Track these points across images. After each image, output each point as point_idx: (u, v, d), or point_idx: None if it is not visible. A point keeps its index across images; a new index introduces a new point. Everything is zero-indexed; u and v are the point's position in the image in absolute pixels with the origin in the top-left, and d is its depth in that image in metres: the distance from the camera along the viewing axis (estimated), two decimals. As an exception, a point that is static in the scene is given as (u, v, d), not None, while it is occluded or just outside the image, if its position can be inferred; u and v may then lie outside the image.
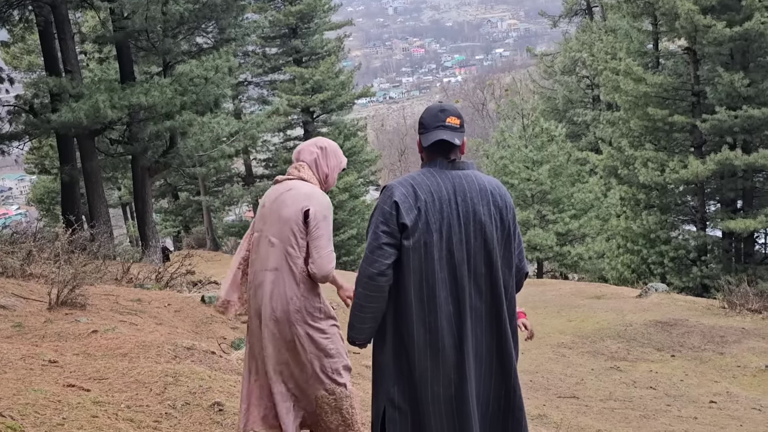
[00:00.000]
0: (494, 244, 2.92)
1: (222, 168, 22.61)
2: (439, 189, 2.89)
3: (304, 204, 3.33)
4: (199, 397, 3.74)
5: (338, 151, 3.65)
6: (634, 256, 26.11)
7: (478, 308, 2.89)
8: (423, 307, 2.84)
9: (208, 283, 13.40)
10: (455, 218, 2.87)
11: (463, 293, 2.86)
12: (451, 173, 2.95)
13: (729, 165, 22.76)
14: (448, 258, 2.86)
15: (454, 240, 2.87)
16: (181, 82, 14.35)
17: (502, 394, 2.89)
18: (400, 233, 2.84)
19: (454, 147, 2.96)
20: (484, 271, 2.90)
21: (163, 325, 7.07)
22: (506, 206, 2.99)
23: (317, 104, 33.67)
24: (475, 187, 2.94)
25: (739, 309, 14.29)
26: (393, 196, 2.87)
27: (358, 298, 2.93)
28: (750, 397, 9.55)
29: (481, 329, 2.89)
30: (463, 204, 2.89)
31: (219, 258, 28.01)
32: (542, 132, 25.57)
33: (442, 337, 2.83)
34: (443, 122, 2.98)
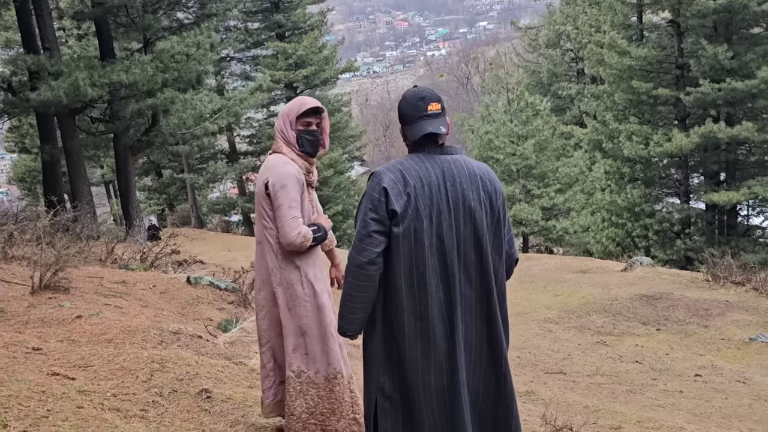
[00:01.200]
0: (484, 230, 2.87)
1: (205, 146, 22.41)
2: (428, 174, 2.85)
3: (265, 176, 3.37)
4: (186, 383, 3.70)
5: (286, 109, 3.57)
6: (619, 230, 26.23)
7: (468, 296, 2.84)
8: (413, 294, 2.80)
9: (194, 262, 13.32)
10: (445, 204, 2.83)
11: (453, 280, 2.81)
12: (440, 158, 2.91)
13: (713, 138, 22.84)
14: (438, 245, 2.81)
15: (444, 226, 2.82)
16: (162, 59, 14.13)
17: (492, 382, 2.86)
18: (389, 220, 2.79)
19: (439, 135, 2.92)
20: (474, 258, 2.86)
21: (149, 307, 7.01)
22: (496, 191, 2.95)
23: (300, 80, 33.39)
24: (465, 173, 2.89)
25: (723, 282, 14.38)
26: (382, 183, 2.82)
27: (347, 287, 2.88)
28: (734, 369, 9.63)
29: (471, 317, 2.85)
30: (453, 189, 2.85)
31: (204, 236, 27.85)
32: (527, 106, 25.53)
33: (433, 326, 2.79)
34: (425, 112, 2.92)
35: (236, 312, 7.87)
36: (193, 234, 26.18)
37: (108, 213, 36.59)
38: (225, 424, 3.41)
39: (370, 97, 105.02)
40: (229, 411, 3.47)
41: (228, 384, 3.84)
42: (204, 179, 33.03)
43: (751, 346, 10.76)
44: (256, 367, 4.33)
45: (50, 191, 15.09)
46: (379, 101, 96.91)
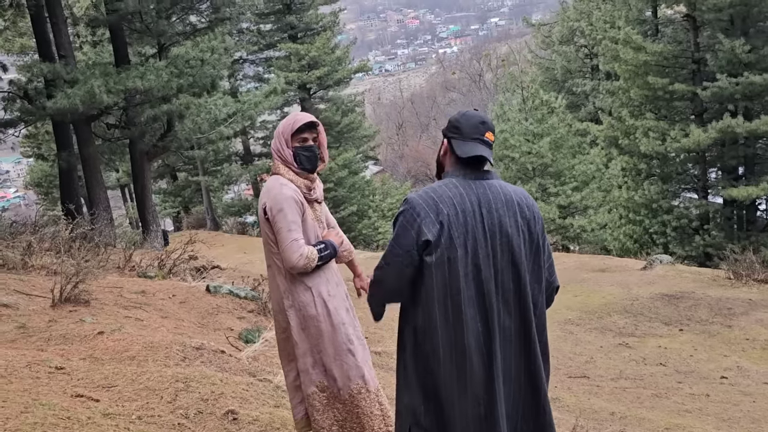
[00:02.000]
0: (522, 259, 2.78)
1: (220, 150, 22.41)
2: (463, 201, 2.76)
3: (263, 200, 3.33)
4: (211, 404, 3.63)
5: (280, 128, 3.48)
6: (637, 227, 26.03)
7: (507, 326, 2.76)
8: (448, 325, 2.73)
9: (212, 268, 13.28)
10: (480, 232, 2.74)
11: (491, 311, 2.73)
12: (475, 183, 2.82)
13: (730, 132, 22.60)
14: (474, 274, 2.73)
15: (480, 255, 2.73)
16: (177, 65, 14.12)
17: (531, 415, 2.78)
18: (422, 250, 2.73)
19: (485, 162, 2.86)
20: (513, 288, 2.77)
21: (169, 318, 6.97)
22: (534, 217, 2.86)
23: (314, 81, 33.39)
24: (501, 198, 2.80)
25: (745, 279, 14.21)
26: (414, 211, 2.76)
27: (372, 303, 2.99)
28: (761, 371, 9.49)
29: (510, 348, 2.77)
30: (489, 216, 2.75)
31: (220, 238, 27.91)
32: (542, 104, 25.36)
33: (470, 357, 2.72)
34: (482, 136, 2.85)
35: (257, 321, 7.82)
36: (208, 237, 26.25)
37: (124, 216, 36.78)
38: (253, 448, 3.35)
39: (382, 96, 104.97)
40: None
41: (254, 404, 3.78)
42: (219, 181, 33.11)
43: (777, 346, 10.61)
44: (282, 384, 4.28)
45: (67, 198, 15.14)
46: (391, 99, 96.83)
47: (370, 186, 37.36)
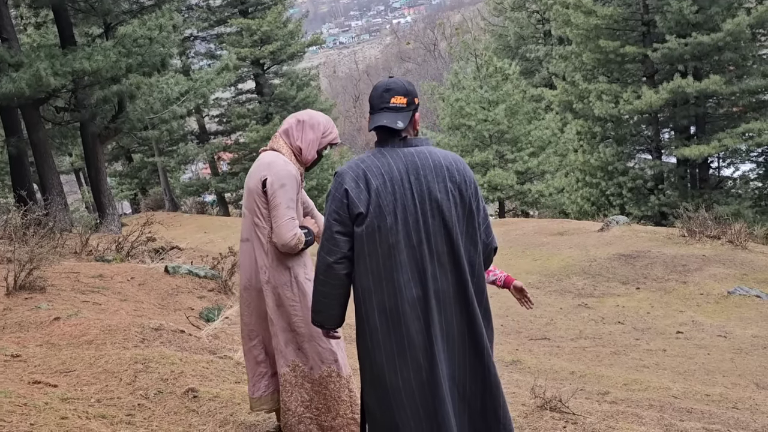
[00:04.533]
0: (453, 222, 2.80)
1: (175, 129, 22.05)
2: (391, 170, 2.78)
3: (263, 173, 3.28)
4: (171, 384, 3.62)
5: (320, 126, 3.46)
6: (593, 189, 26.41)
7: (445, 289, 2.79)
8: (382, 292, 2.75)
9: (170, 248, 13.17)
10: (410, 198, 2.76)
11: (424, 275, 2.76)
12: (404, 151, 2.83)
13: (681, 93, 22.96)
14: (406, 240, 2.75)
15: (410, 221, 2.76)
16: (124, 44, 13.81)
17: (477, 374, 2.82)
18: (352, 221, 2.76)
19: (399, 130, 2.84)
20: (446, 251, 2.79)
21: (128, 301, 6.91)
22: (465, 180, 2.86)
23: (267, 56, 32.94)
24: (429, 164, 2.81)
25: (699, 236, 14.53)
26: (343, 183, 2.76)
27: (320, 285, 2.86)
28: (714, 324, 9.76)
29: (450, 311, 2.80)
30: (417, 183, 2.78)
31: (179, 219, 27.61)
32: (496, 71, 25.43)
33: (406, 323, 2.74)
34: (387, 103, 2.86)
35: (217, 299, 7.80)
36: (167, 218, 25.96)
37: (80, 201, 36.09)
38: (214, 425, 3.35)
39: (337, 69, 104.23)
40: (217, 410, 3.40)
41: (214, 381, 3.77)
42: (175, 161, 32.60)
43: (730, 300, 10.91)
44: (242, 360, 4.28)
45: (19, 185, 14.80)
46: (347, 72, 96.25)
47: (328, 160, 37.20)
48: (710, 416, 5.21)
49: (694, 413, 5.27)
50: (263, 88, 34.14)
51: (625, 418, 4.68)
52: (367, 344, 2.82)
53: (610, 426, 4.23)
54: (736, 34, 22.48)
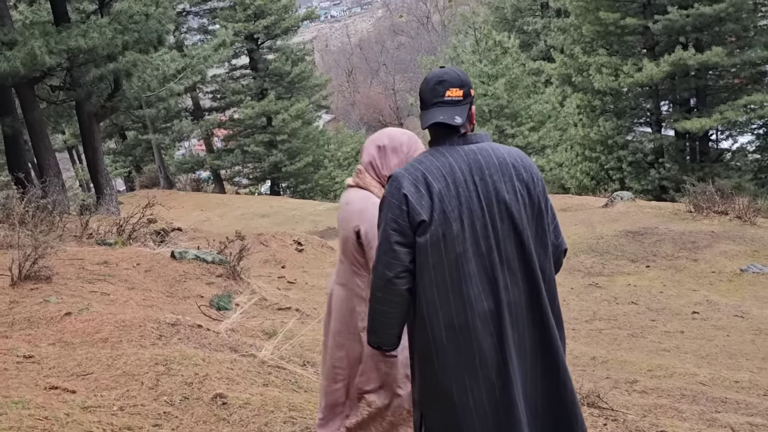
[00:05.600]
0: (524, 225, 2.55)
1: (172, 107, 21.68)
2: (453, 171, 2.51)
3: (355, 224, 3.03)
4: (197, 388, 3.42)
5: (403, 146, 3.13)
6: (593, 163, 26.19)
7: (517, 300, 2.53)
8: (450, 307, 2.50)
9: (172, 230, 12.97)
10: (476, 202, 2.50)
11: (496, 286, 2.50)
12: (464, 149, 2.56)
13: (682, 65, 22.69)
14: (474, 248, 2.49)
15: (478, 226, 2.50)
16: (120, 21, 13.43)
17: (552, 390, 2.58)
18: (414, 230, 2.49)
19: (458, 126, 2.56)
20: (517, 257, 2.54)
21: (135, 289, 6.70)
22: (533, 179, 2.59)
23: (261, 30, 32.55)
24: (494, 162, 2.53)
25: (706, 212, 14.36)
26: (401, 188, 2.50)
27: (378, 303, 2.60)
28: (730, 304, 9.61)
29: (522, 323, 2.55)
30: (482, 183, 2.51)
31: (175, 197, 27.36)
32: (495, 45, 25.11)
33: (477, 339, 2.50)
34: (442, 97, 2.58)
35: (226, 285, 7.60)
36: (163, 196, 25.70)
37: (73, 178, 35.73)
38: (248, 435, 3.15)
39: (330, 43, 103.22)
40: (250, 419, 3.19)
41: (242, 384, 3.57)
42: (170, 139, 32.28)
43: (743, 278, 10.75)
44: (267, 358, 4.08)
45: (15, 166, 14.50)
46: (339, 46, 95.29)
47: (324, 136, 36.91)
48: (747, 407, 5.05)
49: (729, 404, 5.11)
50: (257, 64, 33.74)
51: (664, 413, 4.51)
52: (434, 365, 2.57)
53: (653, 423, 4.06)
54: (737, 5, 22.19)
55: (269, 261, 11.34)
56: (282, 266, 11.13)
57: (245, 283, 7.71)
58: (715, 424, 4.33)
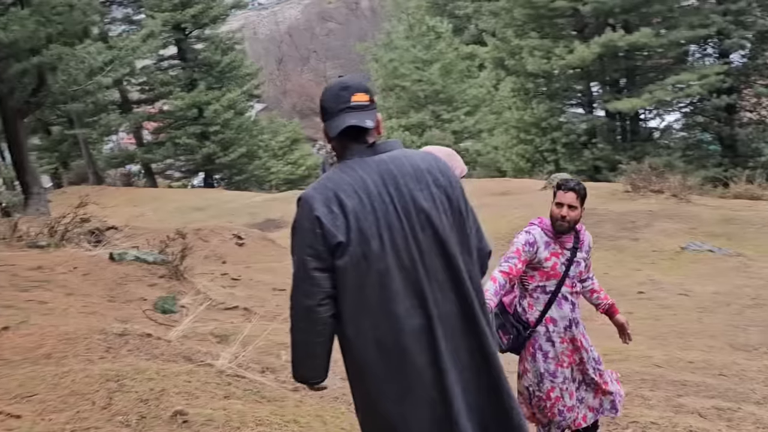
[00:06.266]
0: (446, 232, 2.40)
1: (100, 101, 20.92)
2: (365, 185, 2.36)
3: None
4: (154, 405, 3.20)
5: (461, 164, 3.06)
6: (528, 146, 26.48)
7: (448, 312, 2.40)
8: (377, 329, 2.35)
9: (107, 229, 12.47)
10: (393, 214, 2.35)
11: (424, 300, 2.35)
12: (374, 159, 2.40)
13: (612, 46, 23.10)
14: (397, 264, 2.34)
15: (399, 240, 2.35)
16: (42, 12, 12.79)
17: (492, 397, 2.46)
18: (331, 253, 2.33)
19: (367, 130, 2.43)
20: (443, 267, 2.40)
21: (74, 295, 6.37)
22: (450, 183, 2.45)
23: (188, 20, 31.70)
24: (408, 170, 2.39)
25: (643, 192, 14.62)
26: (313, 210, 2.33)
27: (300, 332, 2.43)
28: (673, 282, 9.77)
29: (457, 335, 2.41)
30: (398, 194, 2.36)
31: (106, 193, 26.51)
32: (429, 30, 25.05)
33: (410, 359, 2.35)
34: (348, 102, 2.42)
35: (170, 287, 7.30)
36: (93, 192, 24.90)
37: (-5, 177, 34.29)
38: (214, 455, 2.96)
39: (258, 31, 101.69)
40: (215, 437, 3.02)
41: (202, 398, 3.36)
42: (97, 133, 31.22)
43: (684, 255, 10.96)
44: (224, 367, 3.88)
45: (-67, 167, 13.77)
46: (268, 34, 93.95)
47: (257, 126, 36.31)
48: (707, 388, 5.09)
49: (689, 386, 5.13)
50: (186, 54, 32.95)
51: (631, 401, 4.49)
52: (369, 393, 2.42)
53: (624, 414, 4.02)
54: (663, -15, 22.67)
55: (210, 257, 11.03)
56: (223, 261, 10.85)
57: (189, 283, 7.43)
58: (682, 410, 4.32)
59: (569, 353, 3.70)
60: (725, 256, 10.71)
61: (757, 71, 25.89)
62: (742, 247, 11.26)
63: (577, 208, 3.59)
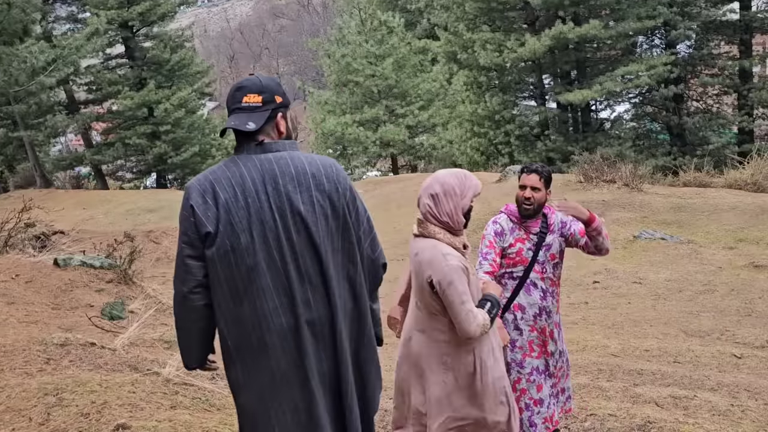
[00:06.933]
0: (321, 237, 2.40)
1: (43, 102, 20.34)
2: (243, 181, 2.38)
3: (427, 274, 2.94)
4: (95, 420, 3.03)
5: (455, 188, 2.98)
6: (482, 139, 26.56)
7: (321, 316, 2.40)
8: (244, 324, 2.35)
9: (53, 233, 12.13)
10: (268, 213, 2.36)
11: (293, 301, 2.36)
12: (260, 158, 2.42)
13: (562, 39, 23.25)
14: (268, 261, 2.35)
15: (271, 239, 2.36)
16: (-22, 11, 12.42)
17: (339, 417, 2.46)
18: (202, 242, 2.35)
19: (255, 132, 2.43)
20: (318, 271, 2.40)
21: (16, 304, 6.13)
22: (337, 188, 2.45)
23: (135, 17, 31.07)
24: (290, 172, 2.41)
25: (596, 182, 14.73)
26: (189, 200, 2.36)
27: (179, 320, 2.46)
28: (627, 270, 9.84)
29: (323, 340, 2.42)
30: (275, 194, 2.38)
31: (54, 196, 25.89)
32: (381, 25, 24.94)
33: (275, 356, 2.35)
34: (239, 103, 2.46)
35: (118, 291, 7.10)
36: (41, 196, 24.31)
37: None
38: (158, 470, 2.82)
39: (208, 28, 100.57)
40: (159, 450, 2.87)
41: (147, 409, 3.20)
42: (44, 135, 30.37)
43: (637, 244, 11.06)
44: (172, 375, 3.72)
45: None
46: (219, 31, 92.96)
47: (209, 124, 35.82)
48: (662, 376, 5.08)
49: (645, 375, 5.12)
50: (134, 52, 32.32)
51: (588, 393, 4.45)
52: (238, 383, 2.43)
53: (582, 407, 3.98)
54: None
55: (162, 259, 10.80)
56: (176, 264, 10.61)
57: (138, 287, 7.23)
58: (639, 400, 4.30)
59: (540, 344, 3.62)
60: (677, 243, 10.83)
61: (702, 61, 26.35)
62: (692, 234, 11.41)
63: (540, 190, 3.54)
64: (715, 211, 12.37)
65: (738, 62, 25.22)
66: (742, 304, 7.93)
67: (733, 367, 5.57)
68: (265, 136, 2.46)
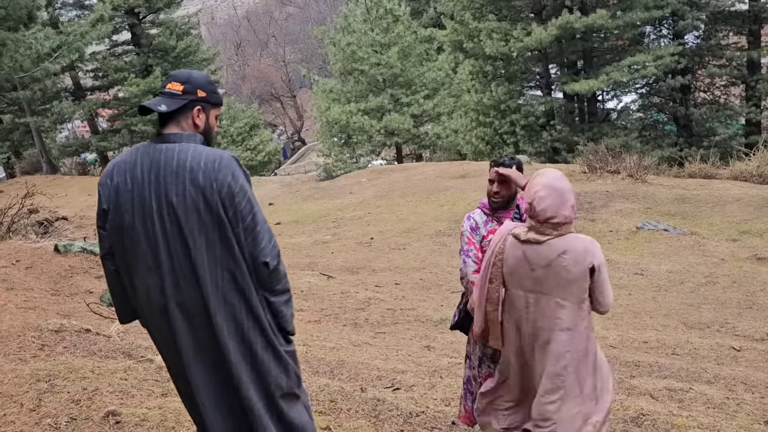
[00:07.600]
0: (190, 230, 2.50)
1: (48, 88, 20.33)
2: (134, 167, 2.56)
3: (588, 261, 3.09)
4: (86, 406, 3.03)
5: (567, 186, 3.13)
6: (487, 129, 26.47)
7: (193, 302, 2.53)
8: (135, 293, 2.60)
9: (57, 219, 12.17)
10: (148, 200, 2.53)
11: (163, 284, 2.52)
12: (155, 147, 2.57)
13: (569, 28, 23.10)
14: (146, 243, 2.52)
15: (148, 224, 2.52)
16: (-17, -3, 12.38)
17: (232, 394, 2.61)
18: (103, 218, 2.60)
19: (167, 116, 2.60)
20: (186, 259, 2.52)
21: (15, 289, 6.15)
22: (212, 185, 2.49)
23: (142, 4, 31.06)
24: (172, 163, 2.52)
25: (600, 172, 14.68)
26: (101, 178, 2.60)
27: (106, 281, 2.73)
28: (629, 262, 9.81)
29: (196, 327, 2.56)
30: (156, 183, 2.52)
31: (59, 182, 25.95)
32: (386, 13, 24.81)
33: (157, 326, 2.58)
34: (163, 89, 2.65)
35: (118, 278, 7.09)
36: (46, 182, 24.39)
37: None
38: (146, 456, 2.82)
39: (216, 15, 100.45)
40: (148, 438, 2.87)
41: (137, 396, 3.21)
42: (50, 121, 30.44)
43: (639, 235, 11.02)
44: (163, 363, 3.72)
45: None
46: (226, 18, 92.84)
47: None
48: (659, 369, 5.07)
49: (642, 367, 5.11)
50: (140, 39, 32.31)
51: (583, 384, 4.42)
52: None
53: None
54: (618, -33, 22.72)
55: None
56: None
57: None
58: (634, 392, 4.28)
59: None
60: (680, 234, 10.79)
61: (710, 52, 26.17)
62: (696, 225, 11.37)
63: (507, 182, 3.54)
64: (719, 203, 12.32)
65: (746, 53, 25.05)
66: (743, 296, 7.90)
67: (732, 360, 5.56)
68: (175, 124, 2.61)
